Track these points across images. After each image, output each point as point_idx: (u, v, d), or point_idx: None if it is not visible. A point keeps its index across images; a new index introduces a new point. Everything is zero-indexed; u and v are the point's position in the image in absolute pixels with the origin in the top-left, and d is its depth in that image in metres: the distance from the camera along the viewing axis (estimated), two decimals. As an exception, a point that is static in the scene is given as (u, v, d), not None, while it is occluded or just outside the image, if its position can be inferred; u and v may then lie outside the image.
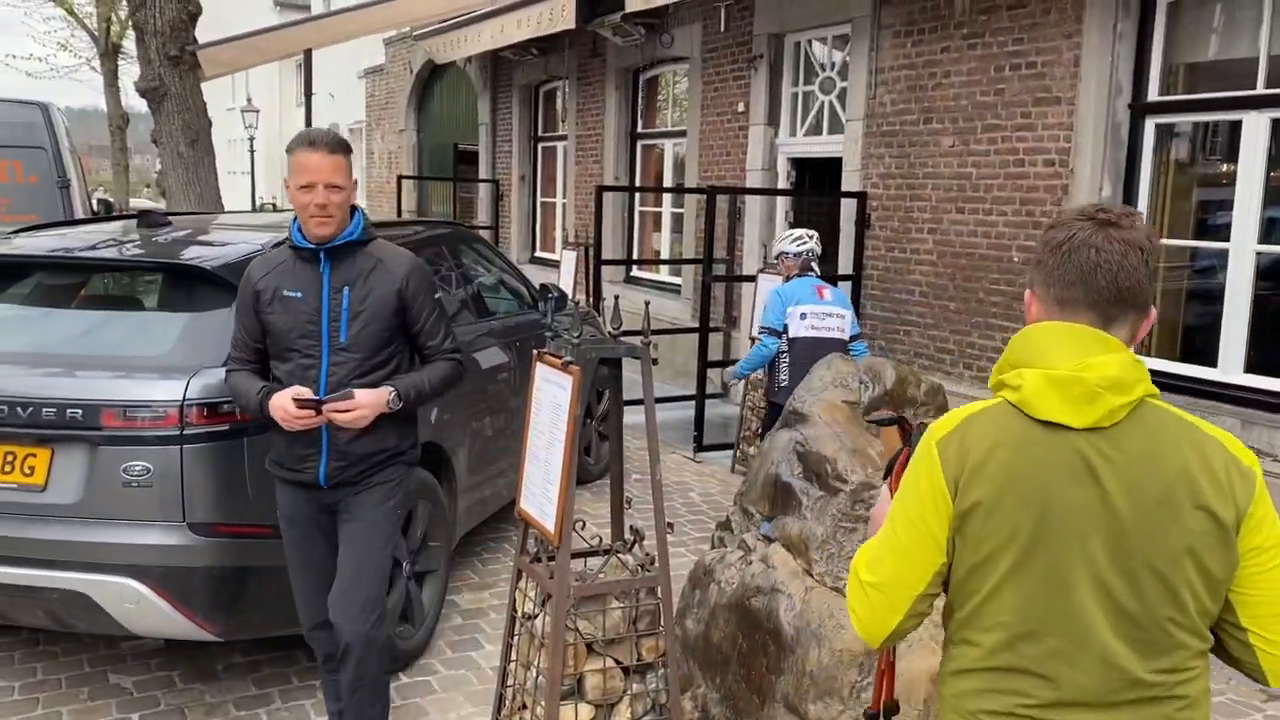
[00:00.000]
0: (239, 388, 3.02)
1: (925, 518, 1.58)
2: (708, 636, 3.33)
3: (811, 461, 3.31)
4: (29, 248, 3.90)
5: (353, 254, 2.95)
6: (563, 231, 12.60)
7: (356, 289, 2.93)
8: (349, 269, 2.94)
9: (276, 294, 2.94)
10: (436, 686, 3.95)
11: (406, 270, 3.01)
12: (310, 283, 2.93)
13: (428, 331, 3.07)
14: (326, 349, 2.93)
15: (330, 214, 2.85)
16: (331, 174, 2.84)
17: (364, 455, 3.00)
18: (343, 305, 2.91)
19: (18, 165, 8.62)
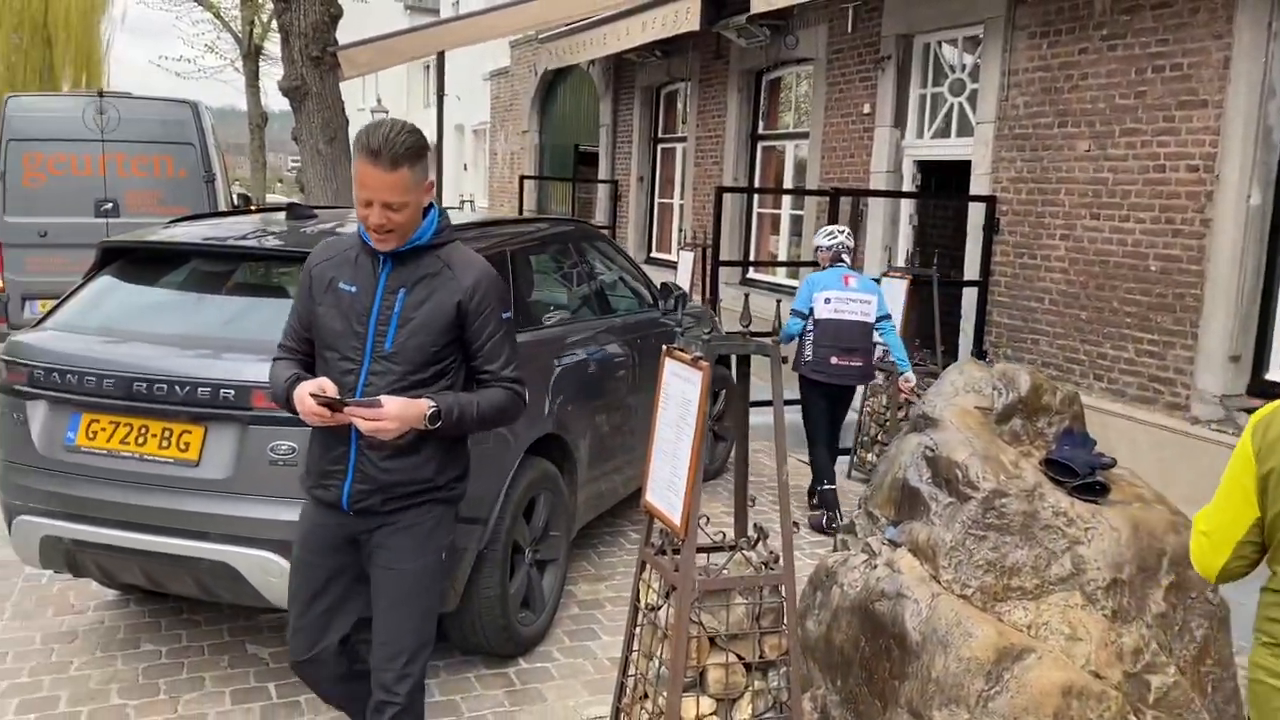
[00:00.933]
0: (274, 374, 2.72)
1: (1239, 479, 2.11)
2: (829, 638, 3.32)
3: (941, 467, 3.27)
4: (185, 236, 4.12)
5: (419, 256, 2.62)
6: (679, 232, 12.64)
7: (414, 293, 2.59)
8: (411, 271, 2.61)
9: (331, 284, 2.64)
10: (555, 673, 4.02)
11: (475, 279, 2.63)
12: (368, 278, 2.61)
13: (487, 353, 2.67)
14: (369, 355, 2.59)
15: (389, 231, 2.53)
16: (390, 193, 2.47)
17: (392, 484, 2.63)
18: (395, 309, 2.58)
19: (169, 160, 9.12)
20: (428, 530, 2.69)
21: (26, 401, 3.64)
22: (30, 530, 3.65)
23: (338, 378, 2.58)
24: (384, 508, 2.64)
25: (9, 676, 3.81)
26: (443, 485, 2.70)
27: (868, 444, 6.81)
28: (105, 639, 4.15)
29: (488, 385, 2.69)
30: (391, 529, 2.67)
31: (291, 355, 2.75)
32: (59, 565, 3.75)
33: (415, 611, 2.69)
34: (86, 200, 8.79)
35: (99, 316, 3.84)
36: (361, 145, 2.47)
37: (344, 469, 2.64)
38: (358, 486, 2.63)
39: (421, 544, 2.69)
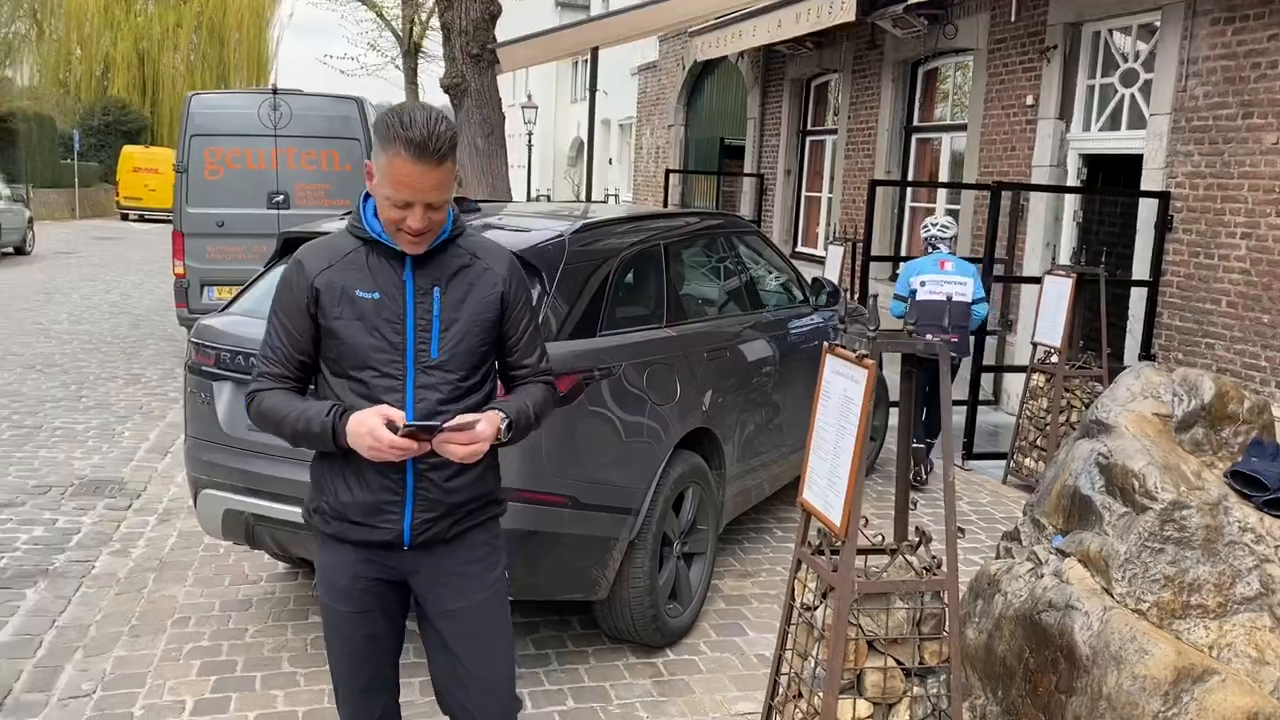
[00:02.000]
0: (279, 409, 2.26)
1: None
2: (990, 647, 3.21)
3: (1116, 475, 3.12)
4: (358, 228, 4.29)
5: (443, 250, 2.29)
6: (826, 227, 12.47)
7: (451, 290, 2.28)
8: (439, 267, 2.28)
9: (345, 294, 2.24)
10: (702, 666, 4.03)
11: (508, 267, 2.37)
12: (390, 281, 2.24)
13: (525, 346, 2.42)
14: (412, 366, 2.25)
15: (430, 231, 2.20)
16: (436, 192, 2.13)
17: (459, 504, 2.33)
18: (433, 311, 2.25)
19: (335, 154, 9.53)
20: (491, 549, 2.44)
21: (213, 382, 3.87)
22: (214, 503, 3.88)
23: (380, 397, 2.22)
24: (449, 534, 2.34)
25: (192, 640, 4.07)
26: (499, 497, 2.48)
27: (1026, 449, 6.57)
28: (277, 609, 4.38)
29: (525, 382, 2.44)
30: (451, 554, 2.37)
31: (282, 384, 2.30)
32: (239, 537, 3.97)
33: (502, 640, 2.45)
34: (260, 192, 9.27)
35: (278, 303, 4.04)
36: (399, 137, 2.08)
37: (401, 499, 2.28)
38: (422, 515, 2.30)
39: (489, 566, 2.43)
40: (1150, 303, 7.13)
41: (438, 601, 2.38)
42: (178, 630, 4.14)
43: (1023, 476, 6.55)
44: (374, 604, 2.38)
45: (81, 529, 5.27)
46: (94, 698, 3.60)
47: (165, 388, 8.61)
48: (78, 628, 4.15)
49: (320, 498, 2.36)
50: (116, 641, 4.03)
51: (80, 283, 15.76)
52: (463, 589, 2.38)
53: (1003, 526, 5.79)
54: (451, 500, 2.32)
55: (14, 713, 3.50)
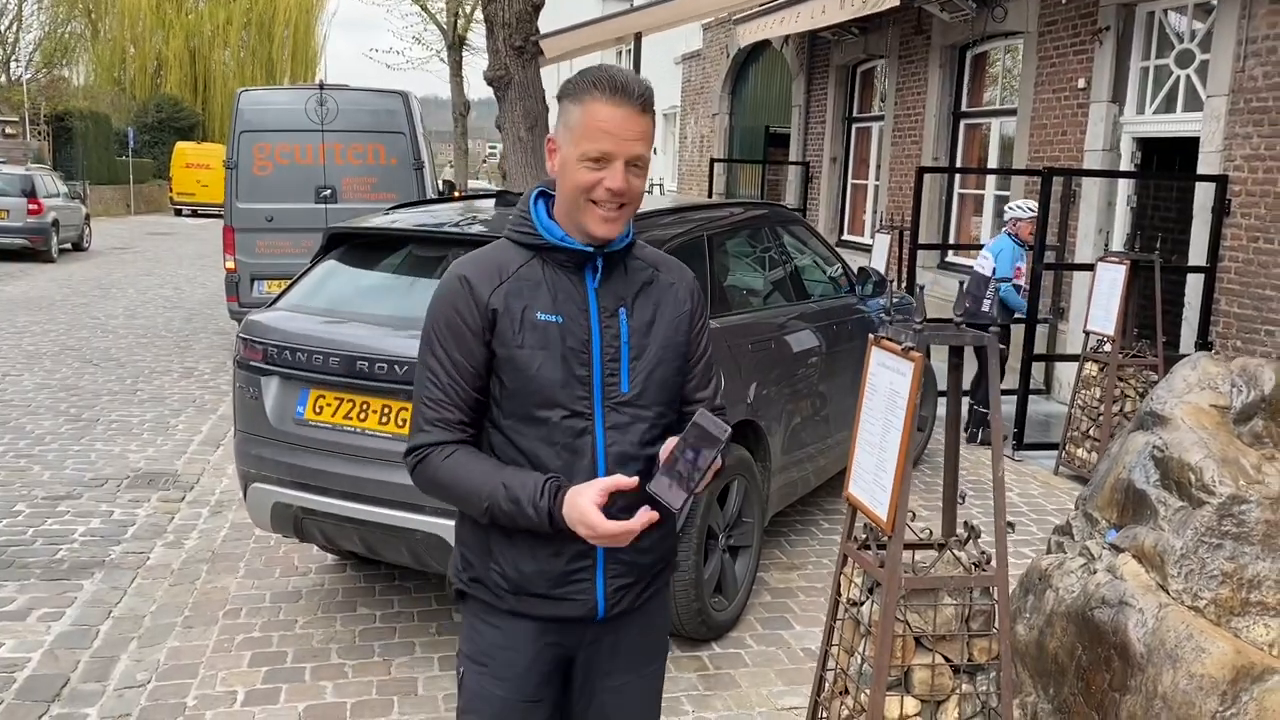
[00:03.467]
0: (466, 480, 1.86)
1: None
2: (1041, 644, 3.16)
3: (1171, 469, 3.04)
4: (403, 222, 4.32)
5: (625, 260, 1.95)
6: (873, 214, 12.33)
7: (638, 311, 1.92)
8: (622, 281, 1.92)
9: (526, 317, 1.85)
10: (748, 660, 4.01)
11: (690, 283, 2.03)
12: (571, 300, 1.88)
13: (701, 375, 2.03)
14: (600, 405, 1.88)
15: (623, 206, 1.84)
16: (640, 141, 1.82)
17: (649, 566, 2.00)
18: (622, 336, 1.89)
19: (381, 148, 9.60)
20: (665, 614, 2.15)
21: (261, 377, 3.91)
22: (263, 497, 3.93)
23: (568, 441, 1.87)
24: (639, 601, 2.00)
25: (243, 630, 4.13)
26: (675, 560, 2.16)
27: (1079, 439, 6.45)
28: (325, 601, 4.43)
29: None
30: (632, 627, 2.02)
31: (459, 433, 1.89)
32: (287, 530, 4.02)
33: (655, 710, 2.15)
34: (308, 187, 9.37)
35: (325, 298, 4.08)
36: (596, 82, 1.80)
37: (591, 564, 1.91)
38: (615, 582, 1.94)
39: (662, 633, 2.13)
40: (1207, 289, 6.96)
41: (606, 674, 2.02)
42: (229, 621, 4.21)
43: (1074, 468, 6.44)
44: (546, 691, 2.00)
45: (136, 521, 5.37)
46: (148, 688, 3.67)
47: (217, 381, 8.75)
48: (133, 618, 4.23)
49: (487, 565, 1.93)
50: (170, 632, 4.10)
51: (135, 278, 16.07)
52: (635, 660, 2.04)
53: (1054, 519, 5.70)
54: (643, 562, 1.97)
55: (71, 702, 3.58)
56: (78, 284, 15.02)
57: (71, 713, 3.52)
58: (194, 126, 37.54)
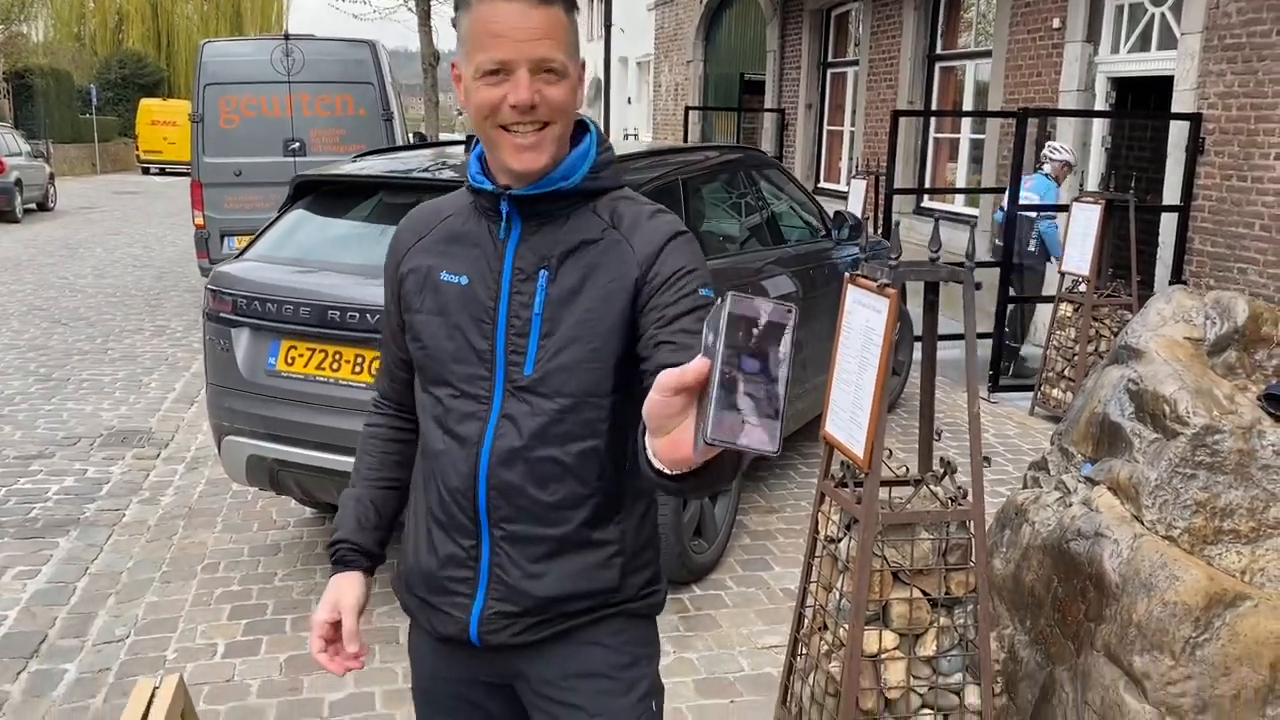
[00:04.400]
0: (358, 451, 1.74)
1: None
2: (1018, 577, 3.19)
3: (1146, 401, 3.06)
4: (371, 169, 4.24)
5: (567, 209, 1.51)
6: (849, 160, 12.27)
7: (564, 274, 1.49)
8: (551, 237, 1.50)
9: (429, 278, 1.56)
10: (728, 601, 4.04)
11: (657, 245, 1.49)
12: (484, 258, 1.52)
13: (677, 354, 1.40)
14: (501, 386, 1.51)
15: (543, 126, 1.43)
16: (545, 40, 1.40)
17: (553, 599, 1.54)
18: (535, 305, 1.49)
19: (349, 99, 9.43)
20: (625, 660, 1.60)
21: (231, 329, 3.86)
22: (237, 450, 3.90)
23: (455, 427, 1.52)
24: (537, 637, 1.55)
25: (222, 584, 4.11)
26: (643, 589, 1.62)
27: (1054, 379, 6.49)
28: (305, 553, 4.41)
29: None
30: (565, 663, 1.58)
31: (391, 412, 1.71)
32: (263, 483, 3.99)
33: None
34: (276, 140, 9.21)
35: (294, 247, 4.02)
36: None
37: (472, 576, 1.54)
38: (494, 607, 1.54)
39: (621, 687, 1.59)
40: (1181, 228, 6.98)
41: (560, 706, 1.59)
42: (208, 576, 4.19)
43: (1050, 408, 6.48)
44: (468, 715, 1.67)
45: (111, 478, 5.33)
46: (127, 642, 3.65)
47: (190, 338, 8.64)
48: (110, 575, 4.21)
49: (401, 556, 1.66)
50: (148, 588, 4.08)
51: (103, 237, 15.82)
52: (585, 711, 1.57)
53: (1030, 458, 5.73)
54: (539, 593, 1.52)
55: (50, 658, 3.56)
56: (44, 244, 14.77)
57: (51, 668, 3.50)
58: (159, 83, 36.80)
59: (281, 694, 3.34)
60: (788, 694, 3.18)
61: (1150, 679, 2.71)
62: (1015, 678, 3.16)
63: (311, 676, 3.44)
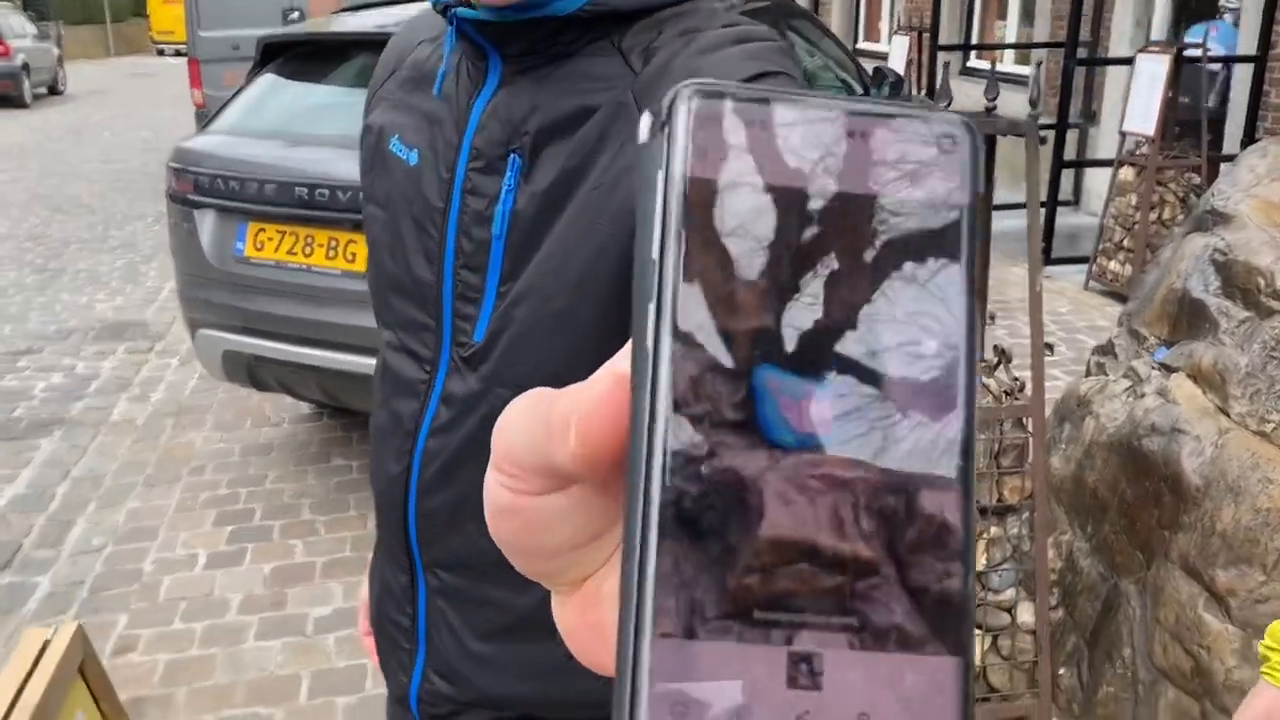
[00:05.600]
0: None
1: None
2: (1079, 478, 2.81)
3: (1236, 274, 2.61)
4: (352, 27, 3.78)
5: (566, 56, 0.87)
6: (891, 17, 11.47)
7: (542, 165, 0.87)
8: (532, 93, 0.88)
9: (381, 144, 1.00)
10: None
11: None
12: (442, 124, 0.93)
13: None
14: (447, 350, 0.95)
15: None
16: None
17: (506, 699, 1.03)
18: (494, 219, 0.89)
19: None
20: None
21: (194, 210, 3.47)
22: (211, 344, 3.56)
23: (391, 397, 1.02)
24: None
25: (209, 488, 3.84)
26: None
27: (1111, 251, 5.98)
28: (299, 453, 4.12)
29: None
30: None
31: None
32: (243, 380, 3.66)
33: None
34: (274, 9, 8.65)
35: (264, 119, 3.60)
36: None
37: (410, 623, 1.06)
38: (435, 680, 1.05)
39: None
40: (1256, 81, 6.32)
41: None
42: (194, 479, 3.91)
43: (1106, 282, 6.00)
44: None
45: (101, 375, 5.04)
46: (104, 553, 3.40)
47: (194, 224, 8.29)
48: (92, 479, 3.94)
49: None
50: (130, 492, 3.81)
51: (111, 120, 15.38)
52: None
53: (1084, 338, 5.31)
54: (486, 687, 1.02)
55: (22, 570, 3.32)
56: (51, 129, 14.35)
57: (23, 581, 3.26)
58: (170, -40, 35.66)
59: (264, 609, 3.08)
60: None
61: (1236, 596, 2.35)
62: (1074, 590, 2.81)
63: (296, 588, 3.17)
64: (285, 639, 2.94)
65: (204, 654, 2.87)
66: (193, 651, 2.89)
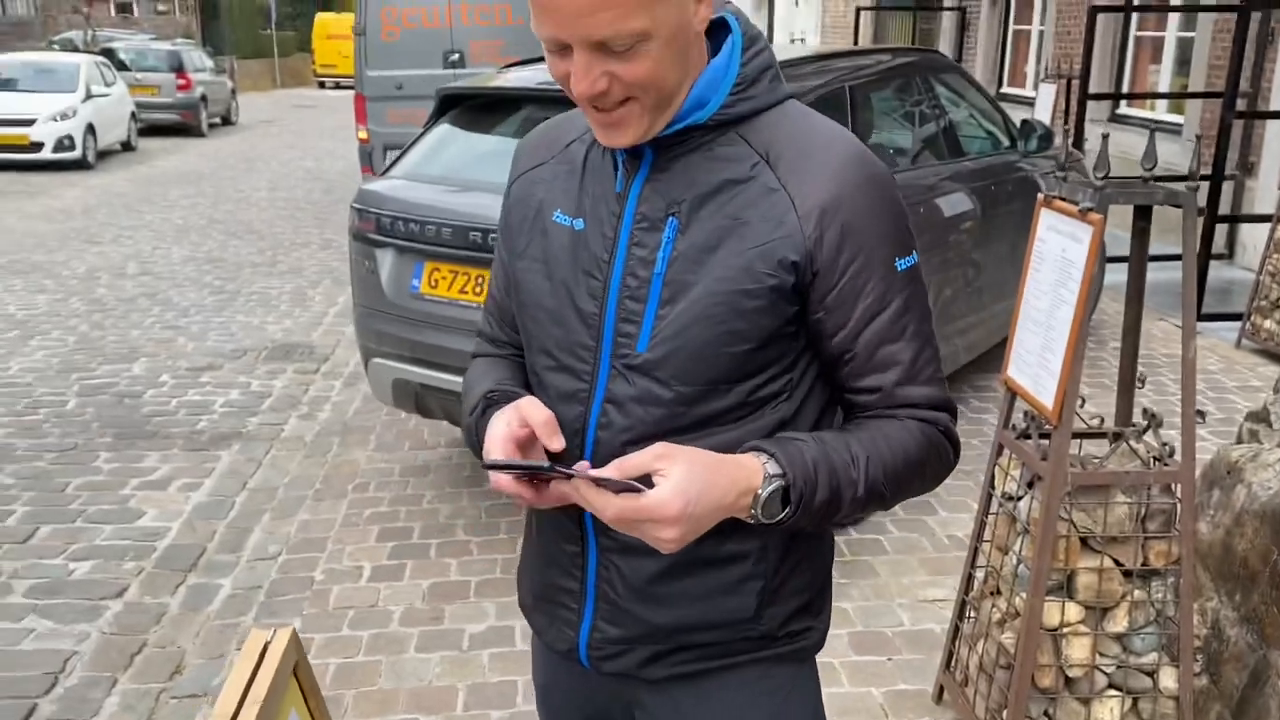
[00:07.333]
0: (466, 384, 1.38)
1: None
2: (1228, 545, 2.79)
3: (1403, 348, 2.57)
4: (520, 81, 4.04)
5: (705, 143, 1.18)
6: (1036, 64, 11.32)
7: (695, 224, 1.17)
8: (684, 178, 1.18)
9: (539, 216, 1.27)
10: (888, 547, 3.76)
11: (832, 190, 1.14)
12: (604, 200, 1.22)
13: (863, 351, 1.19)
14: (606, 362, 1.21)
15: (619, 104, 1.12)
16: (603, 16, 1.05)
17: (672, 629, 1.26)
18: (658, 261, 1.18)
19: (508, 8, 9.24)
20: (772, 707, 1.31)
21: (375, 249, 3.77)
22: (383, 373, 3.84)
23: (555, 405, 1.22)
24: (655, 671, 1.29)
25: (372, 505, 4.11)
26: (778, 629, 1.29)
27: (1266, 309, 5.79)
28: (453, 475, 4.38)
29: (877, 415, 1.22)
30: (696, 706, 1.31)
31: (495, 348, 1.42)
32: (409, 406, 3.93)
33: None
34: (436, 52, 9.13)
35: (439, 164, 3.88)
36: None
37: (579, 589, 1.29)
38: (603, 630, 1.28)
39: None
40: None
41: None
42: (358, 495, 4.20)
43: (1260, 340, 5.81)
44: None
45: (273, 392, 5.44)
46: (279, 560, 3.69)
47: (354, 252, 8.80)
48: (267, 490, 4.28)
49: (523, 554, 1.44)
50: (301, 505, 4.12)
51: (279, 150, 16.38)
52: None
53: (1236, 398, 5.17)
54: (656, 619, 1.25)
55: (207, 572, 3.64)
56: (225, 158, 15.39)
57: (207, 583, 3.57)
58: (333, -3, 37.74)
59: (423, 623, 3.30)
60: (952, 659, 2.91)
61: (1393, 677, 2.31)
62: (1219, 658, 2.78)
63: (453, 606, 3.38)
64: (443, 652, 3.15)
65: (370, 660, 3.11)
66: (359, 658, 3.12)
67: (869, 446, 1.18)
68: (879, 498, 1.19)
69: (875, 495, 1.18)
